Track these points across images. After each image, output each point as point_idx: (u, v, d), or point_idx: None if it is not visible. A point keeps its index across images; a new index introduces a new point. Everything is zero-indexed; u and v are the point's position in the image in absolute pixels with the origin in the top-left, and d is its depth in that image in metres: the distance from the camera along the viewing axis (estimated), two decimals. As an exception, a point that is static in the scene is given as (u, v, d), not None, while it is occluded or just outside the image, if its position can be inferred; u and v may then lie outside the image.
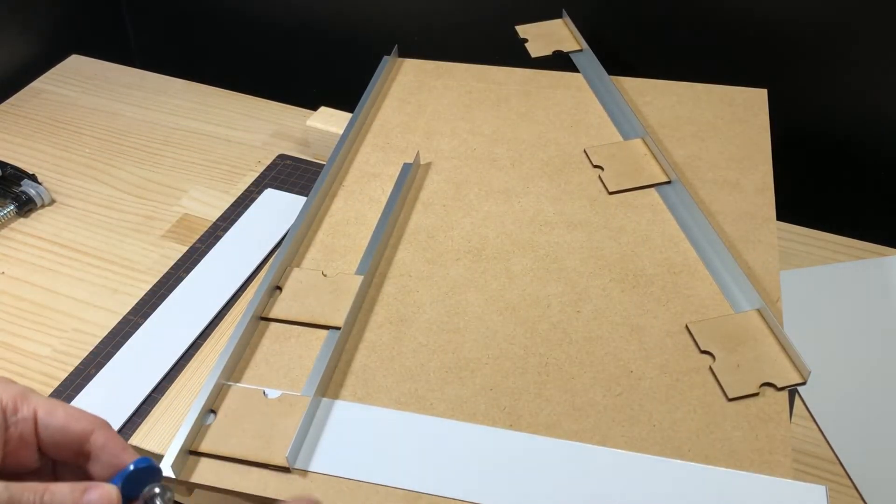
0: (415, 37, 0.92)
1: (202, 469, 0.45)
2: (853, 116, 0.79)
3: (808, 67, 0.78)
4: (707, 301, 0.54)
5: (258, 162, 0.83)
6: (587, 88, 0.72)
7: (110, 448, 0.39)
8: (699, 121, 0.68)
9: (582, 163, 0.65)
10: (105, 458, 0.39)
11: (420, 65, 0.77)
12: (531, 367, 0.50)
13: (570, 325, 0.53)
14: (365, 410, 0.48)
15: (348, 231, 0.60)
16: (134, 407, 0.61)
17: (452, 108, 0.71)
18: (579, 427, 0.47)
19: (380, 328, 0.53)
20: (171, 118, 0.89)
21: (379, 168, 0.66)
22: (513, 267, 0.57)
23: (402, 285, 0.56)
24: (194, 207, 0.78)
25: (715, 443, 0.46)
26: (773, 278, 0.55)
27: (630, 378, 0.50)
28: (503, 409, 0.48)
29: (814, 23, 0.75)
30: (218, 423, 0.46)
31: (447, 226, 0.60)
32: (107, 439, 0.39)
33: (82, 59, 0.99)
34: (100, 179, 0.81)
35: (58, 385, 0.62)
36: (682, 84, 0.72)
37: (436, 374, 0.50)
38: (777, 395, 0.48)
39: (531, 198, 0.62)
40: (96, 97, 0.92)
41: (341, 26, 0.97)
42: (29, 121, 0.89)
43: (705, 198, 0.61)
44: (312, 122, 0.80)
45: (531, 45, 0.77)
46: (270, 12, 1.00)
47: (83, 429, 0.39)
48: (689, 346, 0.51)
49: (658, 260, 0.57)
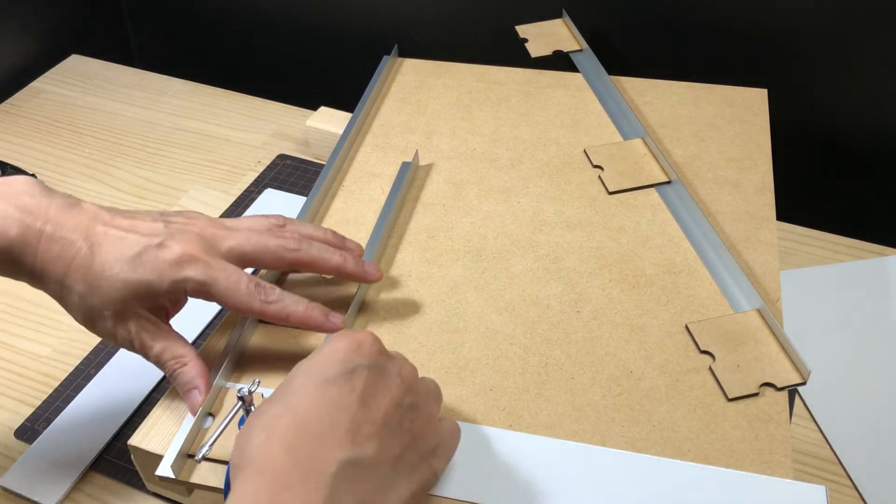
0: (415, 37, 0.92)
1: (202, 469, 0.45)
2: (853, 116, 0.79)
3: (808, 67, 0.78)
4: (707, 301, 0.54)
5: (258, 162, 0.83)
6: (587, 88, 0.72)
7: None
8: (699, 121, 0.68)
9: (582, 163, 0.65)
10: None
11: (420, 65, 0.77)
12: (531, 367, 0.50)
13: (570, 325, 0.53)
14: (365, 410, 0.48)
15: (348, 231, 0.60)
16: (134, 407, 0.61)
17: (452, 108, 0.71)
18: (579, 427, 0.47)
19: (380, 328, 0.53)
20: (171, 118, 0.89)
21: (379, 168, 0.66)
22: (512, 267, 0.57)
23: (402, 285, 0.56)
24: (194, 207, 0.78)
25: (715, 443, 0.46)
26: (773, 278, 0.55)
27: (630, 378, 0.50)
28: (503, 409, 0.48)
29: (813, 23, 0.75)
30: (216, 427, 0.46)
31: (447, 226, 0.60)
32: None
33: (82, 59, 0.99)
34: (100, 179, 0.82)
35: (58, 385, 0.62)
36: (682, 84, 0.72)
37: (436, 374, 0.50)
38: (777, 395, 0.48)
39: (531, 198, 0.62)
40: (96, 97, 0.92)
41: (341, 26, 0.97)
42: (29, 121, 0.89)
43: (705, 198, 0.61)
44: (312, 122, 0.80)
45: (531, 45, 0.77)
46: (270, 12, 1.00)
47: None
48: (689, 346, 0.51)
49: (658, 260, 0.57)
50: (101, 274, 0.44)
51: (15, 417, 0.61)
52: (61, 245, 0.44)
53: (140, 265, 0.44)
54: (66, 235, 0.45)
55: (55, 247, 0.44)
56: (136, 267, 0.44)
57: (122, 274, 0.44)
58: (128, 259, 0.44)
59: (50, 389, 0.62)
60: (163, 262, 0.45)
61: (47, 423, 0.60)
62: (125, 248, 0.45)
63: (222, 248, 0.47)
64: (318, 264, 0.50)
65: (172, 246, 0.45)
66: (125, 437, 0.59)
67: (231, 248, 0.48)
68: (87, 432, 0.59)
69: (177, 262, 0.45)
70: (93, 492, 0.56)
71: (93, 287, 0.44)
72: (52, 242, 0.44)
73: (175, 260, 0.45)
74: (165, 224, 0.47)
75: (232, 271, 0.46)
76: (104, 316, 0.45)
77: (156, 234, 0.46)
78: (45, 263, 0.44)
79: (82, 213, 0.46)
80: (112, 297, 0.44)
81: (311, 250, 0.50)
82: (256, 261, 0.49)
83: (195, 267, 0.45)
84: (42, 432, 0.59)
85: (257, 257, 0.49)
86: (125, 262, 0.44)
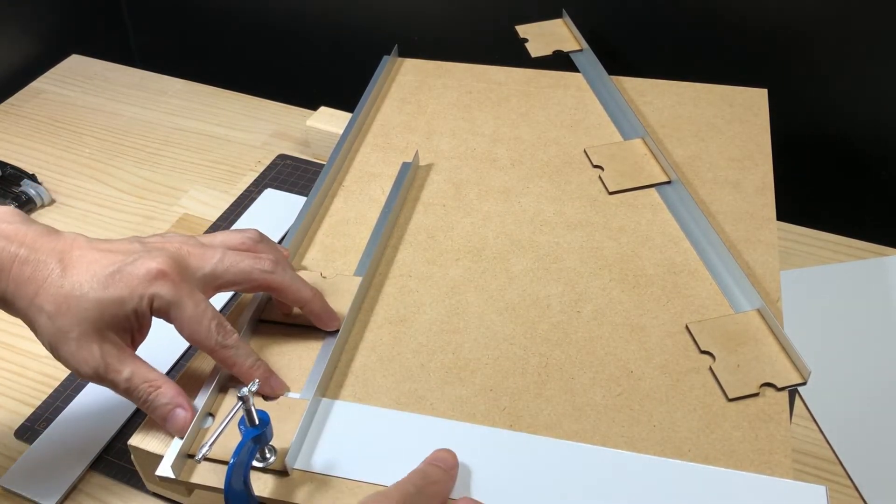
0: (415, 37, 0.92)
1: (202, 469, 0.45)
2: (853, 116, 0.79)
3: (808, 67, 0.78)
4: (707, 301, 0.54)
5: (258, 162, 0.83)
6: (587, 88, 0.72)
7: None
8: (699, 121, 0.68)
9: (582, 163, 0.65)
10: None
11: (420, 65, 0.77)
12: (531, 367, 0.50)
13: (570, 325, 0.53)
14: (365, 411, 0.48)
15: (348, 231, 0.60)
16: (134, 407, 0.61)
17: (452, 108, 0.71)
18: (579, 427, 0.47)
19: (380, 328, 0.53)
20: (171, 118, 0.89)
21: (379, 168, 0.66)
22: (513, 267, 0.57)
23: (402, 285, 0.56)
24: (194, 207, 0.78)
25: (715, 443, 0.46)
26: (773, 278, 0.55)
27: (630, 378, 0.50)
28: (503, 409, 0.48)
29: (813, 23, 0.75)
30: (216, 427, 0.46)
31: (447, 226, 0.60)
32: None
33: (82, 59, 0.99)
34: (100, 179, 0.81)
35: (58, 385, 0.62)
36: (682, 84, 0.72)
37: (436, 374, 0.50)
38: (777, 395, 0.48)
39: (531, 198, 0.62)
40: (96, 97, 0.92)
41: (341, 26, 0.97)
42: (29, 121, 0.89)
43: (705, 198, 0.61)
44: (312, 122, 0.80)
45: (531, 45, 0.77)
46: (271, 12, 1.00)
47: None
48: (689, 346, 0.51)
49: (658, 260, 0.57)
50: (70, 293, 0.43)
51: (15, 417, 0.61)
52: (34, 267, 0.44)
53: (112, 283, 0.44)
54: (40, 258, 0.44)
55: (27, 269, 0.44)
56: (108, 285, 0.44)
57: (92, 293, 0.43)
58: (100, 278, 0.44)
59: (50, 389, 0.62)
60: (134, 278, 0.44)
61: (47, 423, 0.60)
62: (98, 268, 0.44)
63: (196, 271, 0.47)
64: (288, 292, 0.49)
65: (145, 262, 0.45)
66: (125, 437, 0.59)
67: (203, 272, 0.47)
68: (86, 432, 0.59)
69: (147, 277, 0.44)
70: (93, 492, 0.56)
71: (61, 307, 0.43)
72: (25, 265, 0.44)
73: (146, 275, 0.44)
74: (142, 244, 0.47)
75: (199, 300, 0.46)
76: (69, 338, 0.44)
77: (131, 253, 0.46)
78: (18, 286, 0.44)
79: (59, 240, 0.46)
80: (80, 316, 0.43)
81: (286, 276, 0.49)
82: (229, 282, 0.48)
83: (165, 285, 0.45)
84: (42, 432, 0.59)
85: (230, 279, 0.48)
86: (97, 281, 0.44)
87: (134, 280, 0.44)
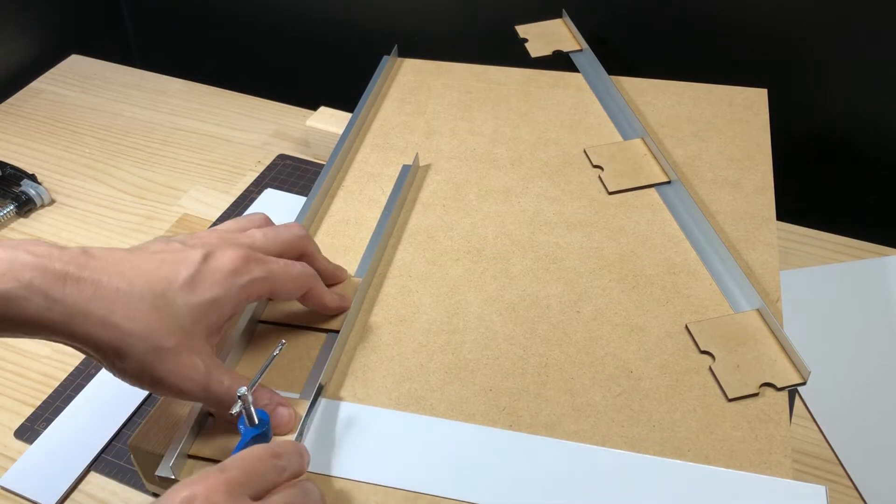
0: (415, 37, 0.92)
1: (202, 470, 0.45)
2: (853, 116, 0.79)
3: (808, 67, 0.78)
4: (707, 301, 0.54)
5: (258, 162, 0.83)
6: (587, 88, 0.72)
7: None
8: (699, 121, 0.68)
9: (582, 163, 0.65)
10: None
11: (420, 65, 0.77)
12: (531, 367, 0.50)
13: (569, 326, 0.53)
14: (365, 411, 0.48)
15: (348, 231, 0.60)
16: (134, 407, 0.61)
17: (452, 108, 0.71)
18: (579, 427, 0.47)
19: (380, 329, 0.53)
20: (170, 118, 0.89)
21: (379, 168, 0.66)
22: (512, 267, 0.57)
23: (402, 286, 0.56)
24: (194, 207, 0.78)
25: (715, 443, 0.46)
26: (773, 278, 0.55)
27: (630, 378, 0.50)
28: (503, 409, 0.48)
29: (813, 23, 0.75)
30: (216, 427, 0.46)
31: (447, 226, 0.60)
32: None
33: (82, 59, 0.99)
34: (99, 179, 0.82)
35: (58, 385, 0.62)
36: (682, 84, 0.72)
37: (435, 374, 0.50)
38: (777, 395, 0.48)
39: (531, 198, 0.62)
40: (96, 97, 0.92)
41: (341, 26, 0.97)
42: (29, 121, 0.89)
43: (705, 198, 0.61)
44: (312, 122, 0.80)
45: (531, 45, 0.77)
46: (270, 12, 1.00)
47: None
48: (689, 346, 0.51)
49: (658, 260, 0.57)
50: (153, 304, 0.39)
51: (15, 417, 0.61)
52: (94, 285, 0.38)
53: (198, 284, 0.41)
54: (93, 276, 0.39)
55: (86, 287, 0.38)
56: (195, 287, 0.40)
57: (179, 299, 0.40)
58: (181, 283, 0.40)
59: (50, 389, 0.62)
60: (220, 274, 0.41)
61: (47, 423, 0.60)
62: (170, 272, 0.40)
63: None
64: (317, 257, 0.51)
65: (220, 255, 0.42)
66: (125, 437, 0.59)
67: (255, 247, 0.45)
68: (87, 432, 0.59)
69: (234, 270, 0.42)
70: (93, 492, 0.56)
71: (151, 322, 0.39)
72: (82, 283, 0.38)
73: (232, 268, 0.42)
74: (181, 243, 0.43)
75: (274, 259, 0.45)
76: (166, 354, 0.39)
77: (188, 250, 0.42)
78: (78, 304, 0.38)
79: (98, 257, 0.40)
80: (172, 325, 0.39)
81: (312, 243, 0.50)
82: (277, 254, 0.47)
83: (256, 267, 0.42)
84: (42, 432, 0.59)
85: (277, 252, 0.47)
86: (180, 288, 0.40)
87: (220, 275, 0.41)
